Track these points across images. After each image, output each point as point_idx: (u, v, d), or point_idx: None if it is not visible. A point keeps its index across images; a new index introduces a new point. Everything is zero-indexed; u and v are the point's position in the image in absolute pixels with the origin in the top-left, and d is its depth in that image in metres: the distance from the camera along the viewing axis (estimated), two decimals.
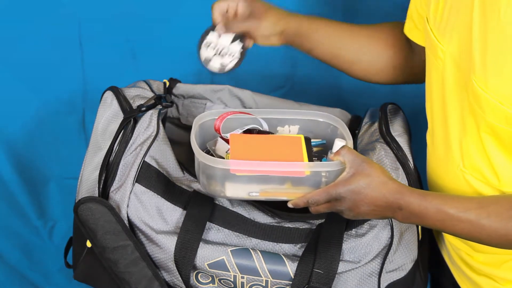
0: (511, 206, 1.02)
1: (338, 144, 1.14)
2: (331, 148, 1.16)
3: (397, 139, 1.24)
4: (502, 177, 1.05)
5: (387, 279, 1.19)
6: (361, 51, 1.30)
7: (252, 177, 1.12)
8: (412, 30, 1.24)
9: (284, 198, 1.13)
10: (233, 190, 1.13)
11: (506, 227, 1.01)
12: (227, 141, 1.18)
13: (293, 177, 1.12)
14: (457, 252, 1.21)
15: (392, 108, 1.33)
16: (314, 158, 1.17)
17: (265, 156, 1.13)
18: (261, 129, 1.22)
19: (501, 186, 1.06)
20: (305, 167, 1.12)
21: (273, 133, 1.22)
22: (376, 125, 1.30)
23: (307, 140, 1.19)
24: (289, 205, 1.12)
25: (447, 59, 1.06)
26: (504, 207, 1.02)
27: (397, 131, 1.26)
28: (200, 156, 1.11)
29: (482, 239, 1.04)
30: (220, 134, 1.19)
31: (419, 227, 1.20)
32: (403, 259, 1.19)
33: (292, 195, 1.12)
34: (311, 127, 1.25)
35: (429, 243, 1.30)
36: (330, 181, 1.10)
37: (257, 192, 1.13)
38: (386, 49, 1.30)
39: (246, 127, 1.20)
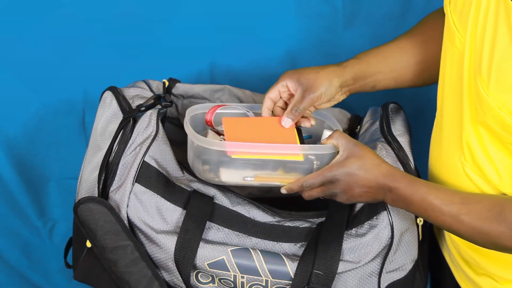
0: (492, 207, 1.03)
1: (326, 134, 1.16)
2: (319, 140, 1.17)
3: (399, 139, 1.24)
4: (503, 175, 1.05)
5: (387, 279, 1.19)
6: (419, 61, 1.26)
7: (246, 162, 1.13)
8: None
9: (277, 183, 1.15)
10: (228, 175, 1.14)
11: (483, 227, 1.03)
12: (218, 133, 1.19)
13: (286, 161, 1.14)
14: (457, 249, 1.22)
15: (393, 107, 1.33)
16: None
17: (259, 138, 1.14)
18: None
19: (502, 186, 1.06)
20: (300, 149, 1.14)
21: None
22: (377, 124, 1.30)
23: (298, 129, 1.20)
24: (282, 190, 1.14)
25: (463, 49, 1.05)
26: (485, 207, 1.04)
27: (399, 130, 1.26)
28: (195, 138, 1.12)
29: (460, 233, 1.07)
30: (212, 126, 1.20)
31: (420, 227, 1.21)
32: (403, 259, 1.19)
33: (285, 180, 1.14)
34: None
35: (430, 243, 1.30)
36: (321, 166, 1.12)
37: (251, 177, 1.14)
38: (440, 45, 1.22)
39: None
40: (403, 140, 1.25)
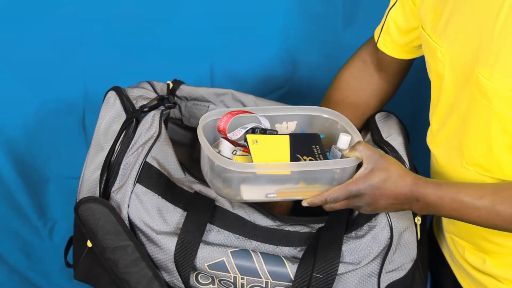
0: None
1: (343, 138, 1.14)
2: (335, 143, 1.16)
3: (391, 142, 1.24)
4: (507, 172, 1.05)
5: (386, 279, 1.19)
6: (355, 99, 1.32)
7: (269, 178, 1.12)
8: (387, 43, 1.25)
9: (300, 197, 1.13)
10: (250, 193, 1.12)
11: None
12: (231, 141, 1.17)
13: (307, 176, 1.12)
14: (461, 253, 1.22)
15: (381, 115, 1.33)
16: (320, 155, 1.15)
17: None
18: (263, 127, 1.20)
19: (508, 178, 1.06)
20: (325, 165, 1.11)
21: (276, 131, 1.21)
22: (369, 135, 1.31)
23: (316, 135, 1.19)
24: (304, 204, 1.12)
25: (447, 60, 1.07)
26: None
27: (390, 135, 1.27)
28: (216, 159, 1.10)
29: (499, 225, 1.05)
30: (226, 135, 1.17)
31: (418, 227, 1.21)
32: (403, 259, 1.20)
33: (307, 193, 1.12)
34: (309, 122, 1.24)
35: (429, 242, 1.30)
36: (342, 178, 1.11)
37: (274, 193, 1.13)
38: (375, 78, 1.32)
39: (249, 126, 1.18)
40: (396, 143, 1.25)
